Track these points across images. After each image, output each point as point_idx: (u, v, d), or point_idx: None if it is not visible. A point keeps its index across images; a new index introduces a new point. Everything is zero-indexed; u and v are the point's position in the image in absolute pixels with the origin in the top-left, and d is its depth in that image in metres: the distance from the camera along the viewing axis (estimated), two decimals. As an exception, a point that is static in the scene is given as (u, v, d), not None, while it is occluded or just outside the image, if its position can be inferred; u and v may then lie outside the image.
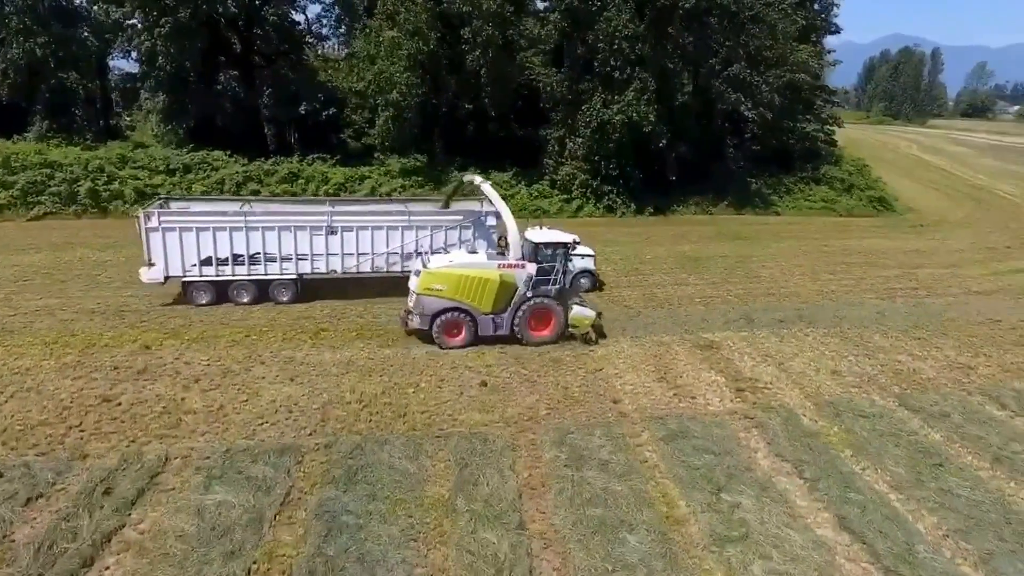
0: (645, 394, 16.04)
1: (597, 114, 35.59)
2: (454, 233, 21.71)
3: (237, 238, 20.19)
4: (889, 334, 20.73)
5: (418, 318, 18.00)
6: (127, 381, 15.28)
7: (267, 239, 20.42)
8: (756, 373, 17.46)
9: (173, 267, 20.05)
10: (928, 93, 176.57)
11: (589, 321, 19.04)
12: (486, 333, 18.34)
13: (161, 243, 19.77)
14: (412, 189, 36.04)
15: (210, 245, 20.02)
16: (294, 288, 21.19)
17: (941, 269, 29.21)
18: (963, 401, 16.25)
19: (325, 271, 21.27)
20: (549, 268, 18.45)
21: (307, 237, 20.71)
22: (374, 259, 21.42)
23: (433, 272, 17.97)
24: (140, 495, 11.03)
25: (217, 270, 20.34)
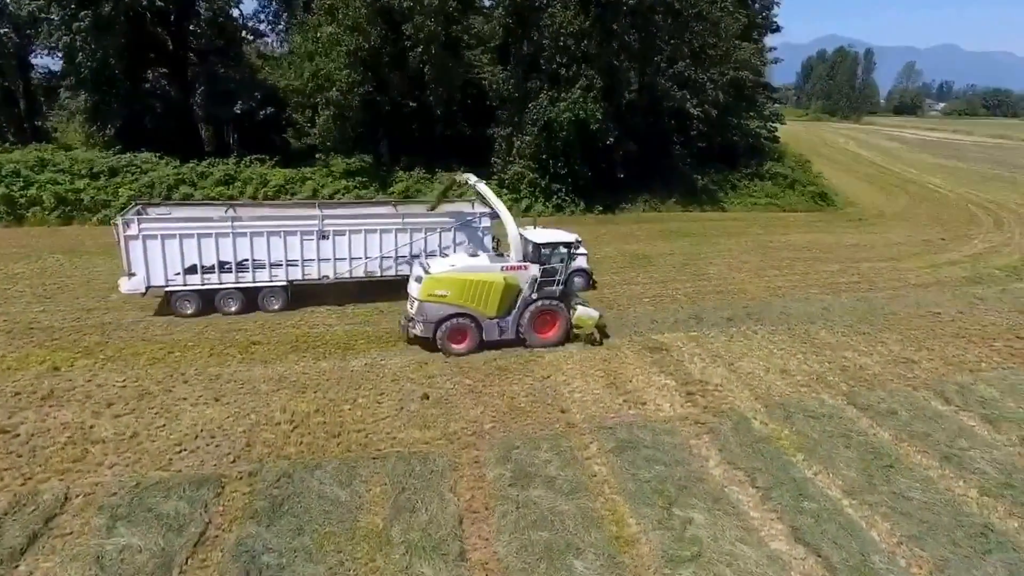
0: (594, 402, 15.46)
1: (544, 112, 35.05)
2: (447, 235, 21.35)
3: (224, 245, 19.25)
4: (835, 330, 20.71)
5: (421, 325, 17.36)
6: (29, 408, 13.86)
7: (255, 245, 19.56)
8: (706, 375, 17.10)
9: (155, 277, 18.98)
10: (862, 91, 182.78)
11: (593, 322, 18.69)
12: (491, 338, 17.87)
13: (142, 252, 18.61)
14: (356, 191, 34.80)
15: (195, 252, 19.03)
16: (284, 295, 20.39)
17: (881, 262, 29.65)
18: (909, 397, 16.19)
19: (317, 277, 20.55)
20: (553, 269, 18.01)
21: (297, 242, 19.92)
22: (367, 263, 20.80)
23: (436, 277, 17.29)
24: (31, 542, 9.82)
25: (203, 279, 19.38)
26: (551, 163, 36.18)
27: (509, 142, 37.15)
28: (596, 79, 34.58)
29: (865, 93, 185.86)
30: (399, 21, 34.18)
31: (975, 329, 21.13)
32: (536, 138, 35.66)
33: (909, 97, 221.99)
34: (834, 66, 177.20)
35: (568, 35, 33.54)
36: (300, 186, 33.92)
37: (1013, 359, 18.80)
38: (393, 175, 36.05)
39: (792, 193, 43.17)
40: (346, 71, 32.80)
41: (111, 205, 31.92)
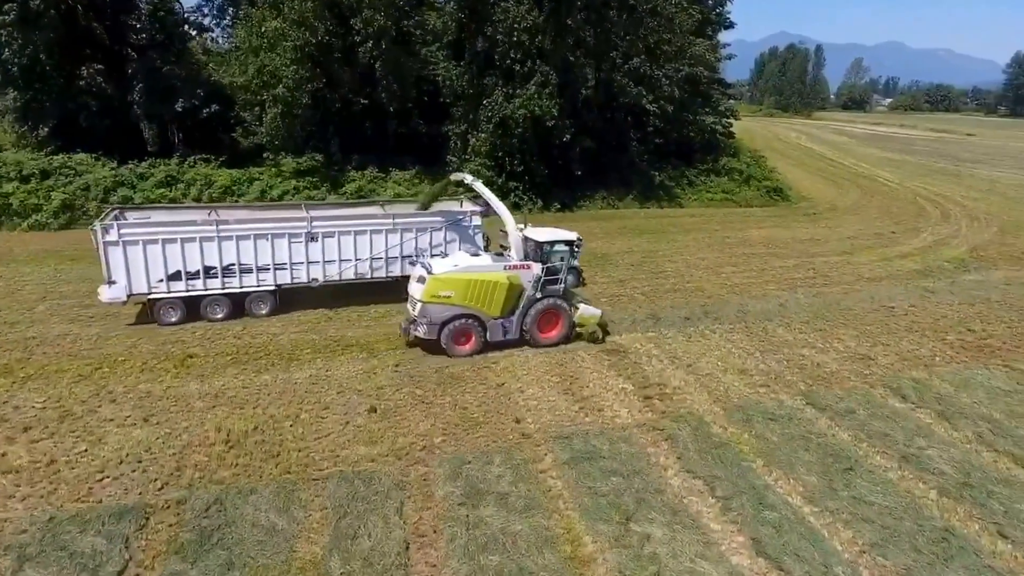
0: (549, 410, 14.91)
1: (499, 109, 34.40)
2: (439, 235, 21.17)
3: (208, 249, 18.65)
4: (792, 326, 20.59)
5: (425, 327, 17.01)
6: (-67, 436, 12.71)
7: (242, 249, 19.00)
8: (664, 378, 16.71)
9: (137, 284, 18.27)
10: (812, 87, 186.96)
11: (595, 320, 18.62)
12: (496, 338, 17.68)
13: (122, 258, 17.89)
14: (307, 191, 33.60)
15: (179, 258, 18.40)
16: (273, 300, 19.90)
17: (835, 257, 29.83)
18: (866, 395, 16.06)
19: (306, 280, 20.13)
20: (556, 267, 17.94)
21: (286, 245, 19.46)
22: (357, 265, 20.44)
23: (440, 278, 16.92)
24: (-79, 593, 8.85)
25: (187, 285, 18.76)
26: (507, 161, 35.55)
27: (464, 140, 36.41)
28: (551, 75, 34.07)
29: (816, 89, 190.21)
30: (347, 15, 33.08)
31: (928, 323, 21.25)
32: (491, 135, 34.99)
33: (857, 93, 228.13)
34: (785, 63, 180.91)
35: (522, 30, 32.94)
36: (247, 187, 32.58)
37: (965, 353, 18.90)
38: (345, 174, 34.92)
39: (748, 188, 43.40)
40: (293, 67, 31.56)
41: (43, 209, 30.25)
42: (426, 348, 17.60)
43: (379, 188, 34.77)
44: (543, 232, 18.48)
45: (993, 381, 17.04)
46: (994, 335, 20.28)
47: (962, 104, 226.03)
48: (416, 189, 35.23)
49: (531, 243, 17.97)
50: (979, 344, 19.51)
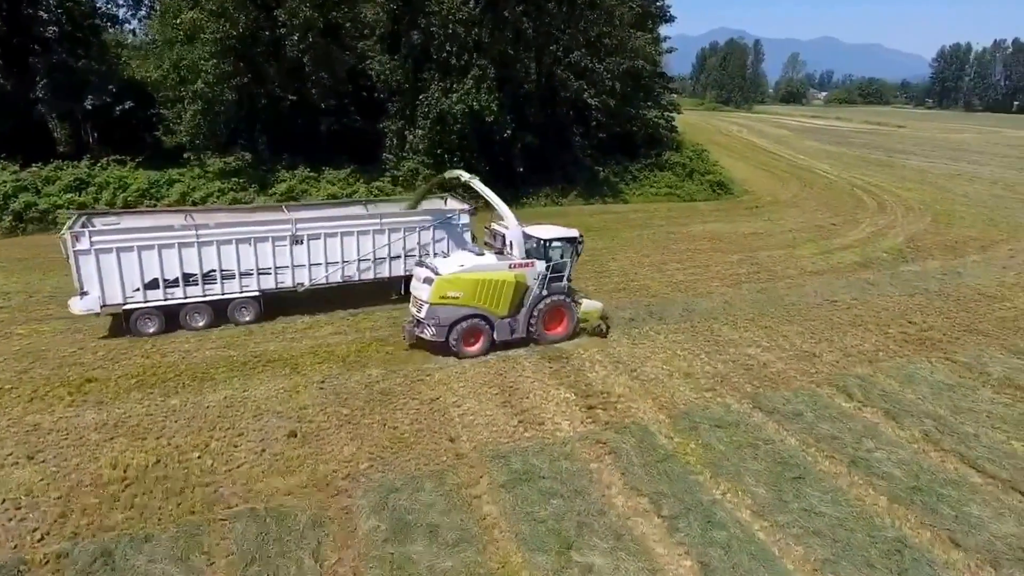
0: (486, 425, 13.94)
1: (436, 104, 33.21)
2: (427, 234, 20.71)
3: (188, 255, 17.79)
4: (737, 325, 20.14)
5: (433, 329, 16.71)
6: None
7: (223, 254, 18.16)
8: (608, 385, 15.94)
9: (111, 294, 17.28)
10: (752, 81, 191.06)
11: (597, 313, 18.75)
12: (503, 337, 17.48)
13: (95, 267, 16.87)
14: (233, 193, 31.77)
15: (156, 265, 17.51)
16: (257, 306, 19.12)
17: (778, 250, 29.74)
18: (813, 395, 15.63)
19: (291, 285, 19.39)
20: (560, 264, 17.87)
21: (269, 249, 18.69)
22: (344, 268, 19.79)
23: (448, 279, 16.59)
24: None
25: (166, 293, 17.86)
26: (447, 157, 34.38)
27: (401, 136, 35.08)
28: (489, 69, 33.07)
29: (755, 83, 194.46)
30: (272, 6, 31.33)
31: (870, 316, 21.12)
32: (429, 131, 33.81)
33: (795, 87, 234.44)
34: (726, 57, 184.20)
35: (457, 22, 31.81)
36: (167, 190, 30.55)
37: (908, 346, 18.75)
38: (275, 174, 33.17)
39: (691, 183, 43.28)
40: (212, 61, 29.66)
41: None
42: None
43: (311, 189, 33.19)
44: (545, 229, 18.29)
45: (936, 375, 16.87)
46: (934, 327, 20.25)
47: (893, 97, 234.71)
48: (351, 189, 33.83)
49: (533, 241, 17.71)
50: (920, 337, 19.41)
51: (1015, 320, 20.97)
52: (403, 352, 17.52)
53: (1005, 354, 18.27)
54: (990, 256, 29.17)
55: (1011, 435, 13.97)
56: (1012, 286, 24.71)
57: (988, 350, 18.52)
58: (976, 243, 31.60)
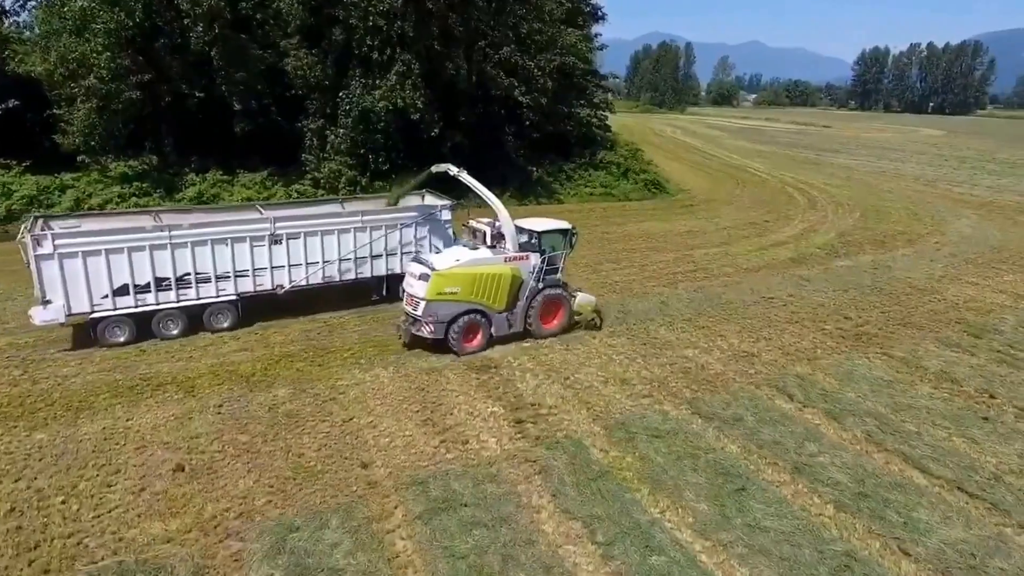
0: (404, 447, 12.57)
1: (358, 101, 31.53)
2: (409, 231, 20.13)
3: (160, 258, 16.77)
4: (674, 326, 19.34)
5: (431, 326, 16.27)
6: None
7: (198, 256, 17.19)
8: (539, 395, 14.78)
9: (77, 302, 16.11)
10: (685, 84, 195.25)
11: (591, 307, 18.54)
12: (501, 332, 17.18)
13: (59, 273, 15.68)
14: (135, 199, 29.31)
15: (125, 269, 16.41)
16: (234, 311, 18.15)
17: (714, 248, 29.33)
18: (753, 397, 14.87)
19: (270, 287, 18.47)
20: (555, 257, 17.73)
21: (247, 250, 17.77)
22: (325, 268, 19.03)
23: (445, 274, 16.24)
24: None
25: (136, 299, 16.79)
26: (371, 158, 32.79)
27: (322, 136, 33.19)
28: (414, 64, 31.62)
29: (688, 85, 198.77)
30: (173, -5, 29.06)
31: (806, 312, 20.68)
32: (352, 131, 32.09)
33: (725, 89, 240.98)
34: (659, 60, 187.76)
35: (379, 14, 30.25)
36: (58, 196, 27.88)
37: (845, 342, 18.30)
38: (182, 178, 30.85)
39: (626, 182, 42.81)
40: (106, 54, 27.18)
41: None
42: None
43: (223, 193, 31.02)
44: (538, 222, 18.16)
45: (874, 371, 16.40)
46: (869, 321, 19.93)
47: (818, 99, 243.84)
48: (268, 193, 31.84)
49: (525, 234, 17.55)
50: (857, 332, 19.03)
51: (946, 312, 20.90)
52: (315, 368, 15.98)
53: (939, 347, 18.01)
54: (918, 250, 29.49)
55: (952, 431, 13.48)
56: (941, 278, 24.85)
57: (923, 344, 18.25)
58: (904, 237, 32.01)
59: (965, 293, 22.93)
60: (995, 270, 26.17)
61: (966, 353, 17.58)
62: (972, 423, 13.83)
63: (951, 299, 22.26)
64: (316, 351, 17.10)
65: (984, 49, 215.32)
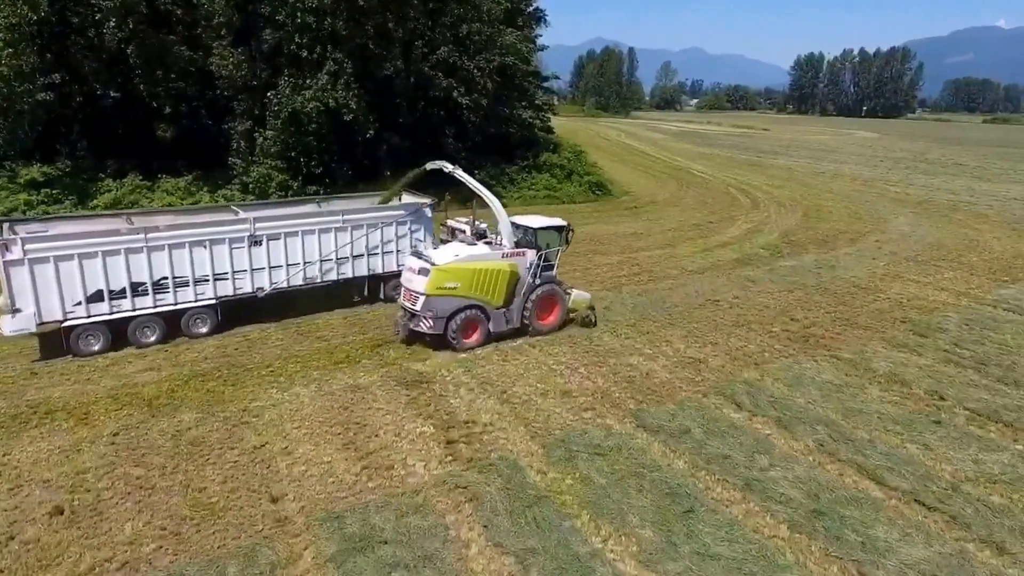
0: (321, 476, 11.28)
1: (287, 102, 29.89)
2: (390, 230, 19.92)
3: (136, 262, 16.17)
4: (619, 331, 18.49)
5: (431, 321, 16.18)
6: None
7: (175, 259, 16.66)
8: (474, 411, 13.66)
9: (48, 310, 15.47)
10: (629, 88, 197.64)
11: (586, 303, 18.62)
12: (499, 328, 17.14)
13: (29, 279, 15.04)
14: (44, 206, 27.04)
15: (100, 274, 15.78)
16: (214, 316, 17.63)
17: (658, 250, 28.77)
18: (700, 407, 14.06)
19: (251, 290, 17.97)
20: (550, 253, 17.75)
21: (226, 252, 17.30)
22: (306, 269, 18.63)
23: (445, 269, 16.16)
24: None
25: (111, 306, 16.14)
26: (303, 161, 31.17)
27: (250, 139, 31.41)
28: (347, 63, 30.17)
29: (632, 90, 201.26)
30: (83, -11, 27.00)
31: (753, 315, 20.13)
32: (281, 133, 30.43)
33: (668, 94, 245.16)
34: (603, 64, 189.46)
35: (307, 11, 28.73)
36: (-47, 204, 25.49)
37: (792, 345, 17.76)
38: (98, 184, 28.68)
39: (570, 184, 42.11)
40: (8, 51, 24.95)
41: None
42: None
43: (143, 199, 28.98)
44: (533, 219, 18.32)
45: (823, 375, 15.83)
46: (816, 323, 19.49)
47: (757, 103, 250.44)
48: (193, 199, 29.91)
49: (520, 230, 17.67)
50: (804, 334, 18.53)
51: (891, 311, 20.66)
52: (228, 389, 14.52)
53: (887, 347, 17.63)
54: (860, 248, 29.53)
55: (905, 437, 12.92)
56: (883, 276, 24.76)
57: (870, 344, 17.84)
58: (845, 236, 32.11)
59: (908, 291, 22.82)
60: (935, 267, 26.29)
61: (913, 353, 17.23)
62: (924, 427, 13.31)
63: (895, 298, 22.08)
64: (231, 369, 15.64)
65: (912, 55, 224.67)
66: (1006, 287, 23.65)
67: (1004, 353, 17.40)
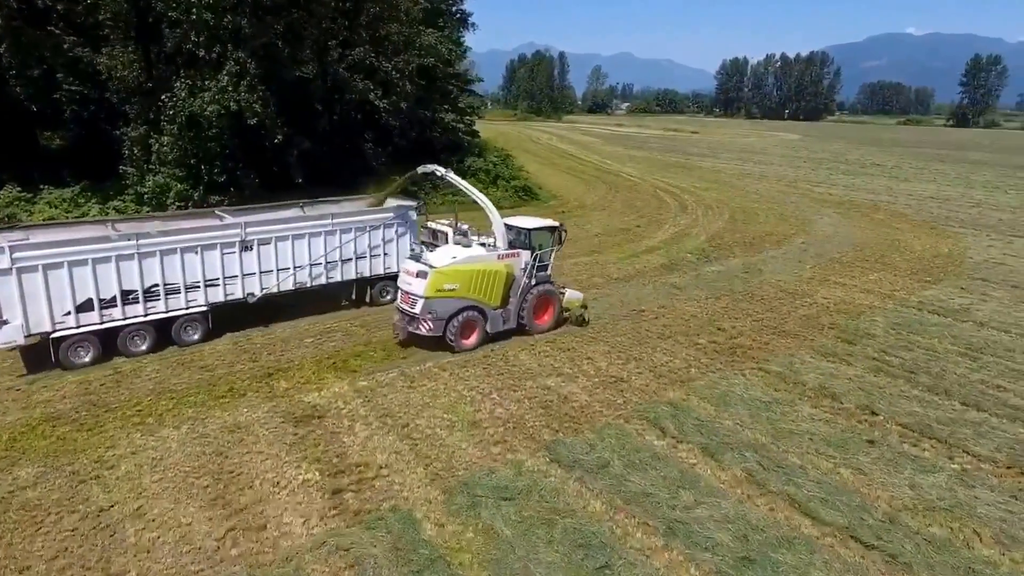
0: (176, 544, 9.47)
1: (184, 105, 27.44)
2: (378, 233, 19.87)
3: (127, 269, 15.82)
4: (537, 348, 17.19)
5: (430, 323, 16.31)
6: None
7: (167, 266, 16.36)
8: (368, 451, 12.05)
9: (37, 320, 14.96)
10: (561, 92, 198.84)
11: (579, 303, 18.89)
12: (496, 329, 17.34)
13: (17, 289, 14.50)
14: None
15: (90, 282, 15.37)
16: (205, 323, 17.36)
17: (584, 257, 27.69)
18: (621, 434, 12.83)
19: (241, 296, 17.77)
20: (544, 253, 18.00)
21: (217, 257, 17.08)
22: (296, 273, 18.49)
23: (444, 271, 16.29)
24: None
25: (101, 315, 15.74)
26: (204, 169, 28.75)
27: (144, 146, 28.77)
28: (250, 64, 27.94)
29: (564, 94, 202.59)
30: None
31: (679, 326, 19.16)
32: (179, 139, 27.94)
33: (600, 98, 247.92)
34: (533, 68, 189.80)
35: (204, 7, 26.39)
36: None
37: (720, 358, 16.82)
38: (-38, 196, 25.65)
39: (496, 189, 40.71)
40: None
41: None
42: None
43: (21, 213, 26.07)
44: (526, 220, 18.48)
45: (751, 391, 14.89)
46: (743, 332, 18.67)
47: (686, 107, 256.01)
48: (80, 211, 27.11)
49: (513, 231, 17.75)
50: (731, 345, 17.64)
51: (818, 317, 20.08)
52: (83, 435, 12.49)
53: (815, 357, 16.90)
54: (786, 251, 29.22)
55: (838, 461, 12.01)
56: (809, 280, 24.35)
57: (799, 354, 17.09)
58: (772, 238, 31.85)
59: (834, 295, 22.38)
60: (860, 268, 26.10)
61: (842, 363, 16.53)
62: (858, 448, 12.45)
63: (821, 302, 21.58)
64: (91, 410, 13.56)
65: (830, 60, 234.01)
66: (929, 287, 23.55)
67: (932, 359, 16.92)
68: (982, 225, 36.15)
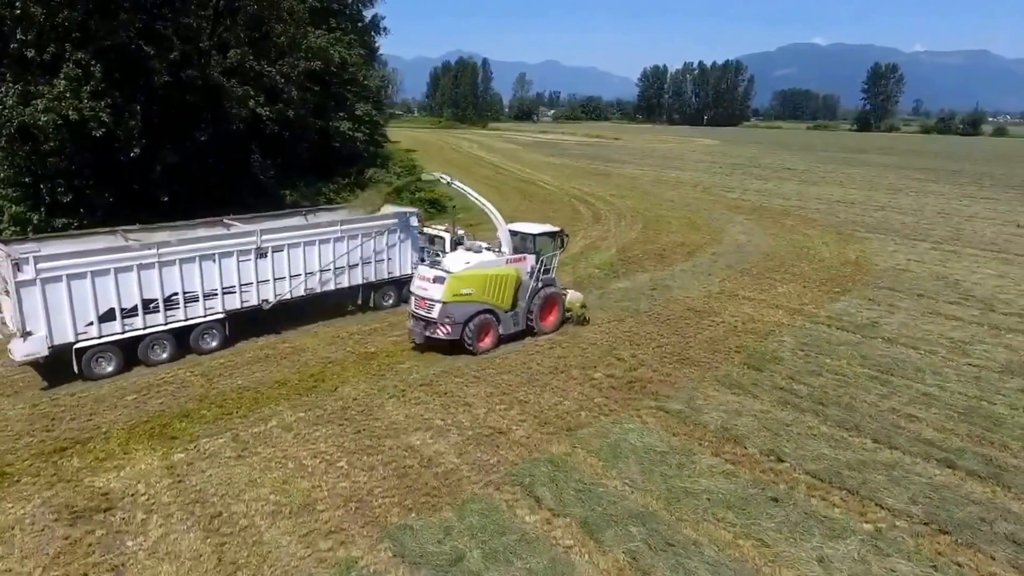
0: None
1: (14, 115, 23.69)
2: (382, 239, 20.50)
3: (148, 278, 15.69)
4: (408, 395, 14.85)
5: (448, 328, 16.47)
6: None
7: (186, 274, 16.30)
8: (156, 561, 9.33)
9: (60, 331, 14.65)
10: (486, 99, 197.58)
11: (580, 304, 19.47)
12: (508, 331, 17.63)
13: (41, 300, 14.24)
14: None
15: (112, 292, 15.19)
16: (222, 331, 17.33)
17: (486, 276, 25.43)
18: (488, 510, 10.58)
19: (256, 302, 17.91)
20: (549, 258, 18.54)
21: (234, 265, 17.18)
22: (307, 279, 18.83)
23: (461, 276, 16.60)
24: None
25: (123, 324, 15.49)
26: (44, 188, 25.02)
27: (-31, 161, 24.84)
28: (95, 66, 24.43)
29: (489, 101, 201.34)
30: None
31: (575, 356, 17.13)
32: (10, 153, 24.18)
33: (526, 105, 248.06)
34: (458, 75, 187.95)
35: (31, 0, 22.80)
36: None
37: (616, 395, 14.84)
38: None
39: (400, 202, 38.02)
40: None
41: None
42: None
43: None
44: (530, 226, 18.95)
45: (647, 438, 12.91)
46: (644, 362, 16.78)
47: (610, 114, 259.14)
48: None
49: (519, 236, 18.40)
50: (630, 379, 15.70)
51: (725, 340, 18.45)
52: None
53: (719, 390, 15.13)
54: (695, 263, 27.80)
55: (738, 530, 10.08)
56: (717, 295, 22.87)
57: (701, 386, 15.29)
58: (683, 249, 30.47)
59: (743, 312, 20.90)
60: (769, 281, 24.87)
61: (748, 395, 14.82)
62: (761, 510, 10.57)
63: (729, 321, 20.03)
64: None
65: (744, 68, 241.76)
66: (838, 300, 22.45)
67: (842, 385, 15.44)
68: (887, 229, 36.00)
